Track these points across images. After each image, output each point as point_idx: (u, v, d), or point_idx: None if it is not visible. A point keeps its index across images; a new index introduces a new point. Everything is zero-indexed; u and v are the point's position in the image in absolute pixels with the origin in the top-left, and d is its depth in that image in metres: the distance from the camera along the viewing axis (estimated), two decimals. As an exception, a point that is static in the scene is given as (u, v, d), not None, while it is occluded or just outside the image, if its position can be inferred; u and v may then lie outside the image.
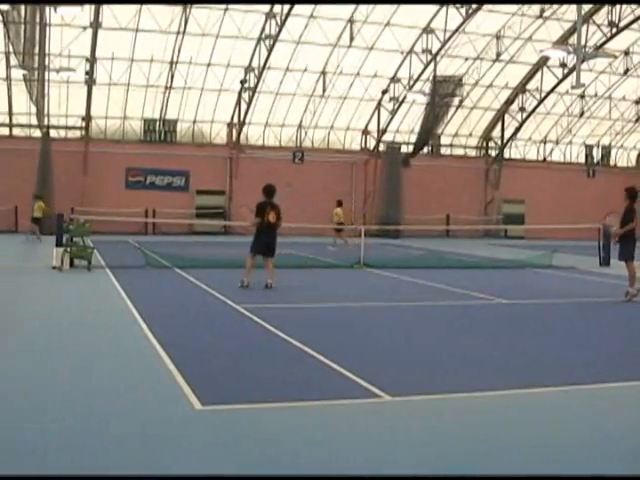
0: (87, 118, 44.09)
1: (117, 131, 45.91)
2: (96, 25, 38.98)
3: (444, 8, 41.14)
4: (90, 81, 42.01)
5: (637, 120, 54.13)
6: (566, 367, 10.43)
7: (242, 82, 44.52)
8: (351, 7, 41.54)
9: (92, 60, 41.14)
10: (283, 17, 39.56)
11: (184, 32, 41.21)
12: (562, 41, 43.81)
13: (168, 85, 44.50)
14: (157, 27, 40.70)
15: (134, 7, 38.93)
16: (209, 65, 43.93)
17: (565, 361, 10.88)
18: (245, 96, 45.24)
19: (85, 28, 39.57)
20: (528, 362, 10.69)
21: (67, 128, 44.83)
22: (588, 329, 14.19)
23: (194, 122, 47.03)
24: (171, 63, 43.42)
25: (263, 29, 41.45)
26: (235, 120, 46.58)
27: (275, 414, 7.87)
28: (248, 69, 44.08)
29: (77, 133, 44.87)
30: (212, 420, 7.63)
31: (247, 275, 18.44)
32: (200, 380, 9.01)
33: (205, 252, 28.72)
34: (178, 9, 39.89)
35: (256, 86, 44.33)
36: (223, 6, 39.83)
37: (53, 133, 43.81)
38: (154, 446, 6.77)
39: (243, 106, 45.59)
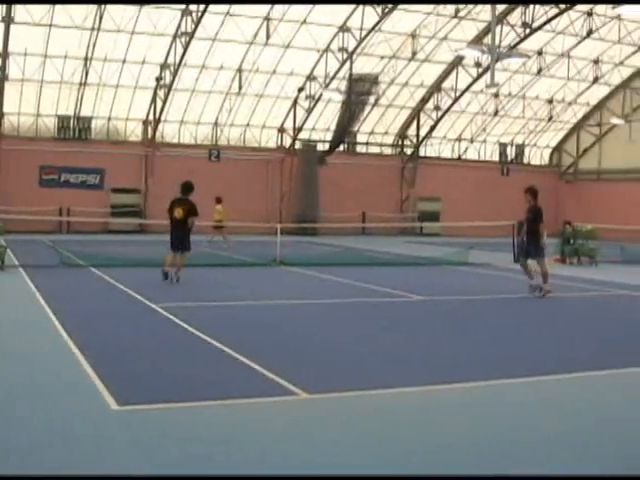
0: (-1, 115, 43.32)
1: (30, 128, 45.10)
2: (8, 20, 38.20)
3: (360, 7, 41.30)
4: (2, 77, 41.23)
5: (550, 119, 55.05)
6: (482, 363, 10.57)
7: (157, 79, 44.16)
8: (267, 5, 41.41)
9: (4, 55, 40.33)
10: (199, 14, 39.32)
11: (99, 28, 40.62)
12: (477, 41, 44.32)
13: (82, 82, 43.87)
14: (71, 23, 40.04)
15: (48, 2, 38.31)
16: (124, 62, 43.37)
17: (482, 357, 11.02)
18: (161, 93, 44.88)
19: (-4, 23, 38.87)
20: (446, 358, 10.81)
21: (-22, 125, 43.96)
22: (503, 325, 14.38)
23: (109, 119, 46.48)
24: (85, 59, 42.74)
25: (179, 26, 41.10)
26: (151, 117, 46.20)
27: (193, 413, 7.83)
28: (164, 66, 43.68)
29: (-12, 130, 44.05)
30: (129, 420, 7.56)
31: (168, 266, 19.10)
32: (117, 380, 8.90)
33: (121, 251, 28.42)
34: (92, 5, 39.29)
35: (172, 83, 43.98)
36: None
37: (-36, 130, 42.94)
38: (70, 447, 6.66)
39: (159, 103, 45.22)
